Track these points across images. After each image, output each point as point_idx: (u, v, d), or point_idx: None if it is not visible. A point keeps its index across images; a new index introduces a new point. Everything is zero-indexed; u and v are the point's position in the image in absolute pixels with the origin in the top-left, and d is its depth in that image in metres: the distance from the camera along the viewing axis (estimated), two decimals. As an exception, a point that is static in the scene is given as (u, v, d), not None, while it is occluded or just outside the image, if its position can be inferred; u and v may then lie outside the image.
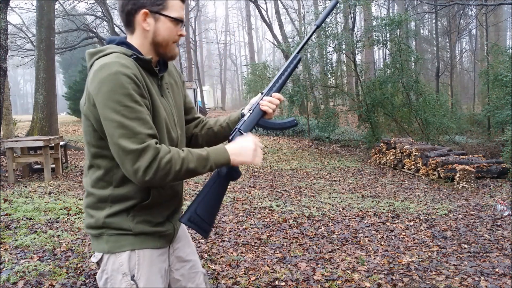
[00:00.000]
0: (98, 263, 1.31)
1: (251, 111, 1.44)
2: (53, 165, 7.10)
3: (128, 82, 1.15)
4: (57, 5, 13.68)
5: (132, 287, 1.26)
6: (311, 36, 1.52)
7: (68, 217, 4.54)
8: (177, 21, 1.29)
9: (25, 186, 6.20)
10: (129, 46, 1.28)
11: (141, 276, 1.27)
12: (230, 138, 1.43)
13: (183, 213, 1.34)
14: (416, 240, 4.05)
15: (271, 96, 1.45)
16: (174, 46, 1.33)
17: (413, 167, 8.25)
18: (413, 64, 12.89)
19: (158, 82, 1.33)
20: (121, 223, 1.26)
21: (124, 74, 1.15)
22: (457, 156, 7.93)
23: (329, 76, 13.46)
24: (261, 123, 1.45)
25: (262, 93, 1.47)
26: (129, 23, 1.29)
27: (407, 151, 8.46)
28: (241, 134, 1.40)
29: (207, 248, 3.72)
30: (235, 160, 1.28)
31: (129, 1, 1.26)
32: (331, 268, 3.28)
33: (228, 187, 6.93)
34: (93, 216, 1.29)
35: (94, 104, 1.18)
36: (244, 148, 1.30)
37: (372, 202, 5.78)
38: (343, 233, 4.25)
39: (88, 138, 1.26)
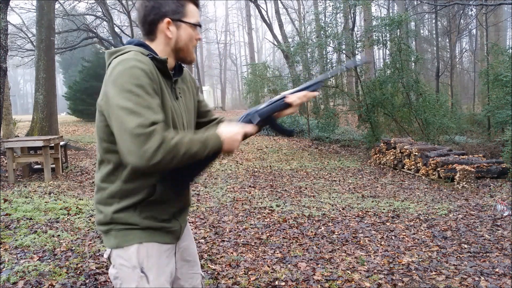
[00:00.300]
0: (109, 258, 1.34)
1: (270, 103, 1.47)
2: (53, 165, 7.10)
3: (142, 75, 1.19)
4: (57, 5, 13.68)
5: (142, 279, 1.28)
6: (334, 75, 1.58)
7: (68, 217, 4.54)
8: (196, 26, 1.37)
9: (25, 186, 6.20)
10: (146, 47, 1.33)
11: (150, 268, 1.30)
12: (239, 120, 1.45)
13: None
14: (416, 240, 4.05)
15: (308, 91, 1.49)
16: (192, 50, 1.40)
17: (413, 167, 8.25)
18: (413, 64, 12.89)
19: (172, 85, 1.37)
20: (129, 218, 1.29)
21: (140, 68, 1.20)
22: (457, 156, 7.93)
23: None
24: (272, 116, 1.48)
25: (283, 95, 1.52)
26: (151, 32, 1.35)
27: (407, 151, 8.46)
28: (256, 119, 1.42)
29: (207, 248, 3.72)
30: (224, 150, 1.30)
31: (151, 11, 1.32)
32: (331, 268, 3.28)
33: (228, 187, 6.87)
34: (102, 212, 1.32)
35: (106, 97, 1.21)
36: (235, 140, 1.32)
37: (372, 202, 5.78)
38: (343, 233, 4.25)
39: (100, 134, 1.29)
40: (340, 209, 5.34)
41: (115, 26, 17.15)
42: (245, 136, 1.38)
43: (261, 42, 51.32)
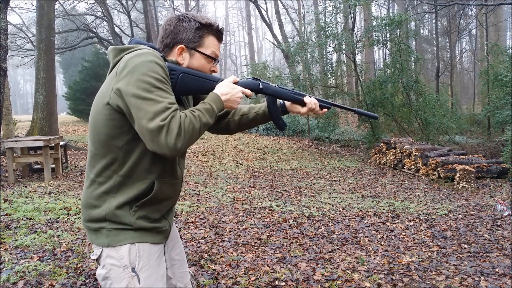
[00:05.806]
0: (98, 259, 1.33)
1: (292, 90, 1.54)
2: (53, 165, 7.10)
3: (161, 70, 1.23)
4: (57, 5, 13.68)
5: (134, 279, 1.29)
6: (341, 106, 1.73)
7: (68, 217, 4.54)
8: (211, 58, 1.42)
9: (25, 186, 6.20)
10: (156, 49, 1.37)
11: (141, 268, 1.30)
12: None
13: None
14: (416, 240, 4.05)
15: (320, 105, 1.56)
16: None
17: (413, 167, 8.25)
18: (413, 64, 12.87)
19: None
20: (123, 217, 1.29)
21: (158, 64, 1.23)
22: (457, 156, 7.93)
23: (329, 76, 13.45)
24: (280, 99, 1.55)
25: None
26: (165, 52, 1.41)
27: (407, 151, 8.46)
28: (266, 86, 1.49)
29: (207, 248, 3.72)
30: (227, 107, 1.39)
31: (169, 35, 1.38)
32: (331, 268, 3.28)
33: (228, 187, 6.87)
34: (95, 207, 1.30)
35: (119, 88, 1.21)
36: (234, 95, 1.38)
37: (372, 202, 5.78)
38: (343, 233, 4.25)
39: (100, 128, 1.27)
40: (340, 209, 5.34)
41: (115, 26, 17.14)
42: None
43: (261, 42, 51.31)
